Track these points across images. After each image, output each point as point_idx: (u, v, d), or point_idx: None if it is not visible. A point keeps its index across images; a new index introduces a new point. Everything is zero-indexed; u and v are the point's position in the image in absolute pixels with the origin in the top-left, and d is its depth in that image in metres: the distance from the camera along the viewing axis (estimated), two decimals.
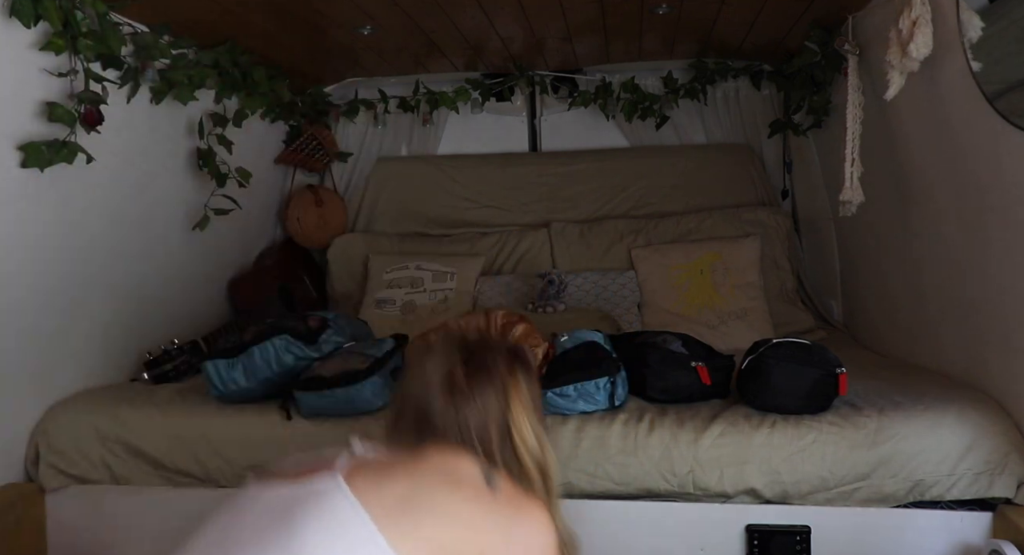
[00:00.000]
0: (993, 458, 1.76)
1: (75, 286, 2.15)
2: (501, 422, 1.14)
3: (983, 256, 1.89)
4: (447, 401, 1.14)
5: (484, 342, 1.24)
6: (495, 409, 1.15)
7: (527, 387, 1.19)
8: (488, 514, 1.03)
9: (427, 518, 0.99)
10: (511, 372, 1.19)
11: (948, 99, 1.88)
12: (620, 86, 3.25)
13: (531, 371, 1.23)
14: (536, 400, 1.22)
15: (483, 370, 1.17)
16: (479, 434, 1.13)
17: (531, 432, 1.16)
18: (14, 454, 2.04)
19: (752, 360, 1.95)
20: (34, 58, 1.82)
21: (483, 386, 1.16)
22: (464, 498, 1.04)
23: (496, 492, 1.05)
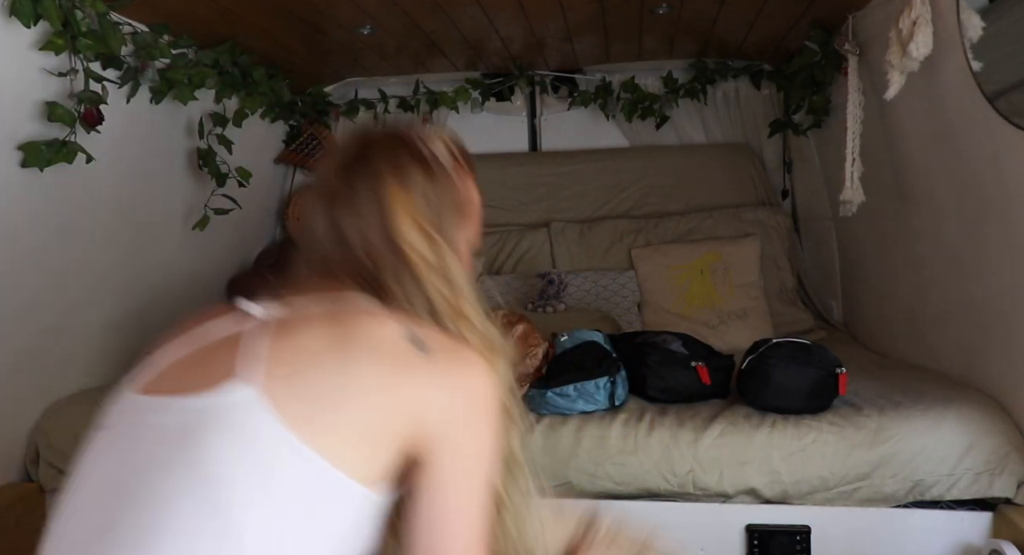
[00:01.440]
0: (993, 458, 1.76)
1: (75, 286, 2.15)
2: (380, 227, 0.91)
3: (983, 256, 1.89)
4: (324, 214, 0.94)
5: (375, 132, 1.00)
6: (371, 211, 0.91)
7: (421, 182, 0.94)
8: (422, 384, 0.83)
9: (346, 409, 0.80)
10: (396, 163, 0.94)
11: (948, 99, 1.88)
12: (620, 86, 3.25)
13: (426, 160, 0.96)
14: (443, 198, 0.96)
15: (362, 164, 0.94)
16: (364, 250, 0.91)
17: (419, 235, 0.91)
18: (14, 454, 2.04)
19: (752, 360, 1.95)
20: (34, 58, 1.82)
21: (355, 184, 0.93)
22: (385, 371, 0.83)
23: (428, 355, 0.85)
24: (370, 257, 0.91)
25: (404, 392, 0.83)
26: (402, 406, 0.82)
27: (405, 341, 0.85)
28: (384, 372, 0.83)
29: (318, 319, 0.86)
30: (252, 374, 0.80)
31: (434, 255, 0.92)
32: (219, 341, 0.87)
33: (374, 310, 0.89)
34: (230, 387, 0.79)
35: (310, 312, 0.88)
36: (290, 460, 0.77)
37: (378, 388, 0.82)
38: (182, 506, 0.74)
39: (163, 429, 0.80)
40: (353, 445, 0.80)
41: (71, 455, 2.20)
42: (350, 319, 0.86)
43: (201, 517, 0.74)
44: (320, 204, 0.95)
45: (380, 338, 0.84)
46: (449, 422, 0.84)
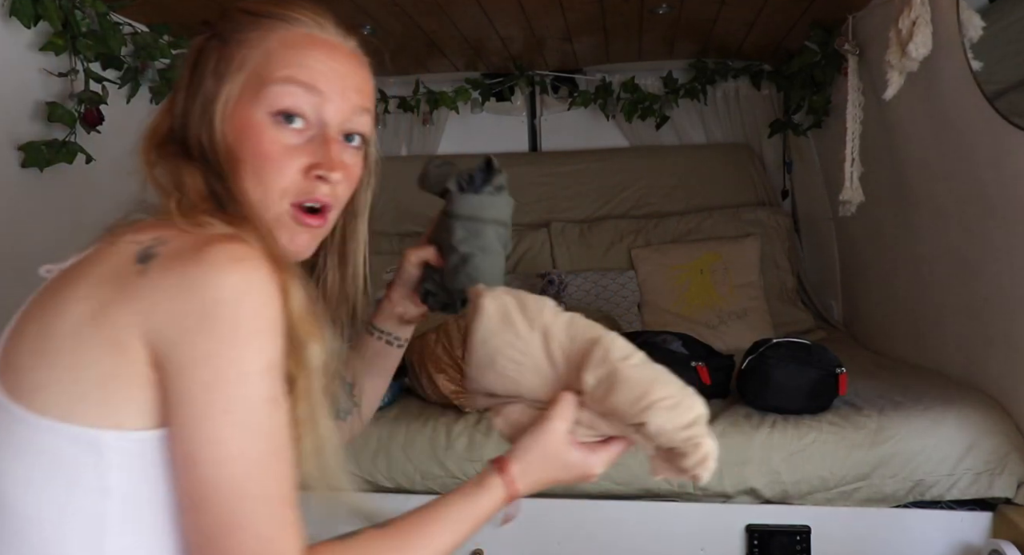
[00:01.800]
0: (993, 458, 1.76)
1: None
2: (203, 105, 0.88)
3: (983, 256, 1.89)
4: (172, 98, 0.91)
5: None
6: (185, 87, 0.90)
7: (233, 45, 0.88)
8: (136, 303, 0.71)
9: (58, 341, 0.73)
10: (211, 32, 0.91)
11: (948, 99, 1.88)
12: (620, 86, 3.25)
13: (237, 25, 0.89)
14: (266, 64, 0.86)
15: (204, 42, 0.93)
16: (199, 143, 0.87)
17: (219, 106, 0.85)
18: None
19: (752, 360, 1.95)
20: (34, 58, 1.82)
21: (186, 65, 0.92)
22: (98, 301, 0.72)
23: (148, 266, 0.72)
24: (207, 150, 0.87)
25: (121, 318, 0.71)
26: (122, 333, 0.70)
27: (131, 261, 0.74)
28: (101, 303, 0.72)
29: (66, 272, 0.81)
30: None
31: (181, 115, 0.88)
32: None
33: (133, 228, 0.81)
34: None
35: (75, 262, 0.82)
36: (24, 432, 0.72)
37: (96, 321, 0.71)
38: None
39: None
40: (84, 391, 0.71)
41: None
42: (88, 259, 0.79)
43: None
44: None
45: (106, 268, 0.75)
46: (171, 339, 0.70)
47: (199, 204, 0.82)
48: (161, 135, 0.92)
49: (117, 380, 0.71)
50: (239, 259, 0.71)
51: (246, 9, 0.89)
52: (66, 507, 0.71)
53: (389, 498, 1.85)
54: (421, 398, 2.07)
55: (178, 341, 0.70)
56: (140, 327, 0.70)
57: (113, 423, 0.71)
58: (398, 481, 1.89)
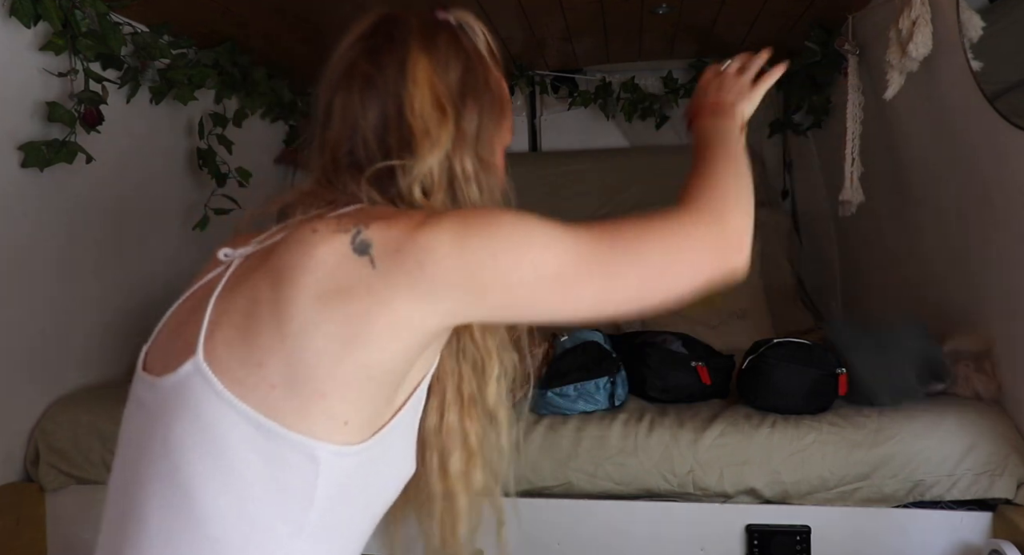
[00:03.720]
0: (993, 459, 1.75)
1: (75, 286, 2.15)
2: (396, 100, 0.82)
3: (983, 256, 1.89)
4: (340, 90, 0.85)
5: (397, 11, 0.90)
6: (392, 83, 0.82)
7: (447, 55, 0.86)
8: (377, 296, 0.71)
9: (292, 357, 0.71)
10: (425, 34, 0.86)
11: (948, 99, 1.88)
12: (620, 86, 3.25)
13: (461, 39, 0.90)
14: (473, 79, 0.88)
15: (387, 37, 0.85)
16: (376, 129, 0.82)
17: (431, 106, 0.82)
18: (14, 454, 2.04)
19: (752, 360, 1.95)
20: (34, 58, 1.82)
21: (382, 59, 0.84)
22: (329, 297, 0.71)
23: (373, 260, 0.71)
24: (381, 143, 0.82)
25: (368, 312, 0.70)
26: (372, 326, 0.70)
27: (350, 253, 0.72)
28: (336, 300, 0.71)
29: (262, 262, 0.77)
30: (200, 340, 0.74)
31: (440, 129, 0.82)
32: (194, 303, 0.82)
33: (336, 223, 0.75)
34: (187, 361, 0.74)
35: (265, 250, 0.79)
36: (241, 428, 0.71)
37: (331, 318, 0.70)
38: (154, 498, 0.73)
39: (147, 411, 0.79)
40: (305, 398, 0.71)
41: (71, 455, 2.21)
42: (292, 249, 0.74)
43: (170, 506, 0.72)
44: (334, 90, 0.86)
45: (322, 262, 0.72)
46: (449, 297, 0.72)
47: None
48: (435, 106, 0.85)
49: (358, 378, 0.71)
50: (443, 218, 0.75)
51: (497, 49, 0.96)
52: (268, 510, 0.72)
53: None
54: None
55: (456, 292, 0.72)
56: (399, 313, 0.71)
57: (333, 437, 0.72)
58: None
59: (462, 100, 0.86)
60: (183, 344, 0.77)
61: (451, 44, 0.88)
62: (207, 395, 0.72)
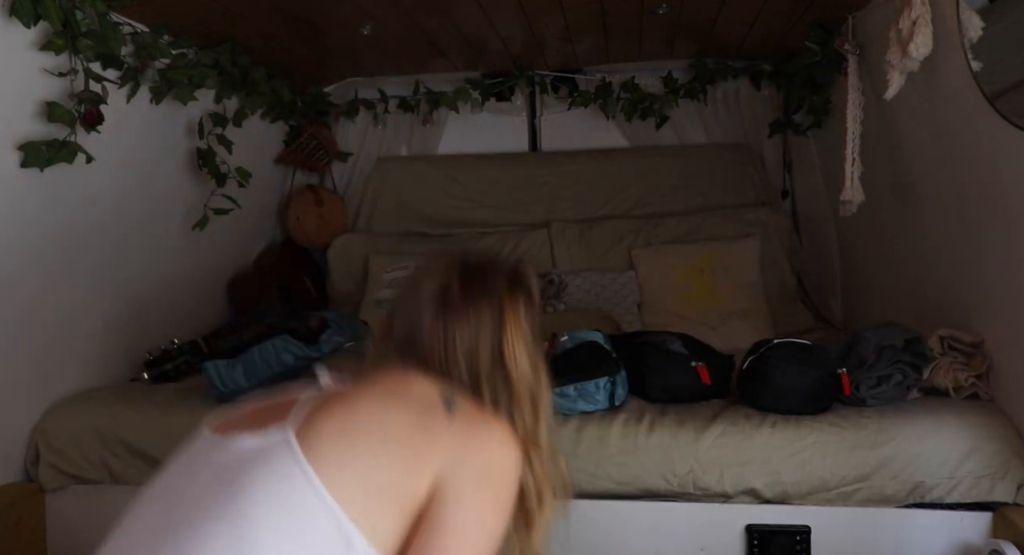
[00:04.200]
0: (994, 462, 1.75)
1: (75, 286, 2.15)
2: (494, 343, 1.05)
3: (983, 256, 1.89)
4: (437, 318, 1.05)
5: (485, 260, 1.14)
6: (488, 328, 1.05)
7: (526, 310, 1.09)
8: (440, 440, 0.93)
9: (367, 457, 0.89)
10: (511, 292, 1.09)
11: (948, 99, 1.88)
12: (620, 86, 3.24)
13: (532, 295, 1.13)
14: (535, 326, 1.11)
15: (480, 287, 1.08)
16: (467, 357, 1.04)
17: (526, 356, 1.06)
18: (14, 454, 2.04)
19: (753, 360, 1.95)
20: (34, 58, 1.82)
21: (478, 303, 1.06)
22: (411, 423, 0.93)
23: (453, 415, 0.95)
24: (472, 366, 1.04)
25: (423, 448, 0.91)
26: (420, 460, 0.90)
27: (438, 400, 0.95)
28: (410, 423, 0.92)
29: (365, 386, 0.98)
30: (295, 419, 0.90)
31: (534, 379, 1.06)
32: (288, 399, 0.97)
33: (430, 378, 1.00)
34: (273, 430, 0.89)
35: (367, 382, 1.00)
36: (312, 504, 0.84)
37: (401, 441, 0.90)
38: (213, 540, 0.82)
39: (216, 466, 0.90)
40: (374, 498, 0.87)
41: (71, 455, 2.21)
42: (394, 380, 1.00)
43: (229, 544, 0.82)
44: (432, 309, 1.06)
45: (415, 395, 0.95)
46: (456, 484, 0.91)
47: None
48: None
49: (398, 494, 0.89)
50: (515, 441, 1.00)
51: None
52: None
53: None
54: None
55: (468, 483, 0.92)
56: (438, 461, 0.91)
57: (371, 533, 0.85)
58: None
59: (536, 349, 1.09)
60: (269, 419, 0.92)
61: (527, 299, 1.10)
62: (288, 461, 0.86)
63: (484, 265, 1.12)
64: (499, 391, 1.04)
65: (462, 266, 1.10)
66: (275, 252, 3.29)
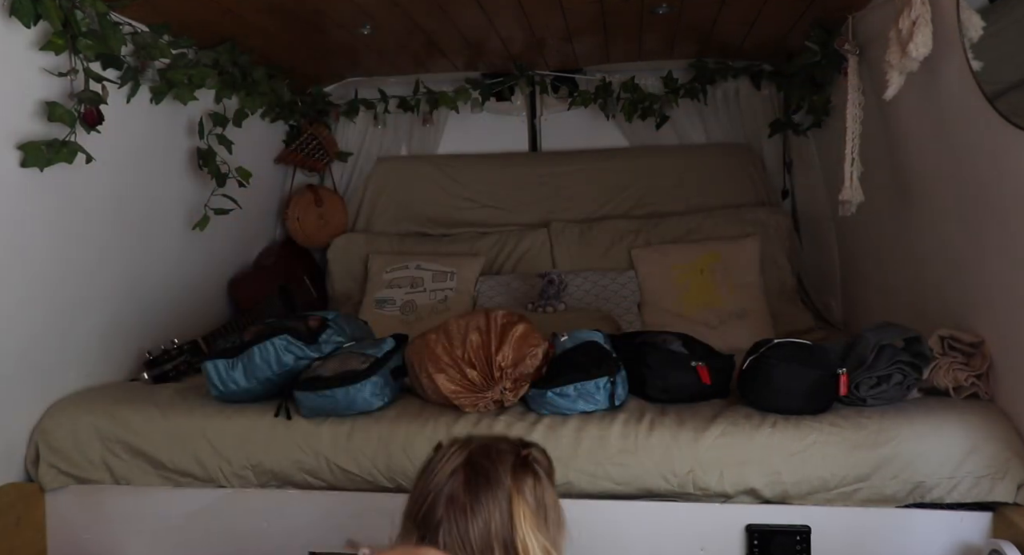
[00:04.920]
0: (995, 462, 1.75)
1: (75, 286, 2.15)
2: (505, 538, 1.09)
3: (983, 256, 1.89)
4: (448, 514, 1.10)
5: (488, 450, 1.17)
6: (498, 524, 1.09)
7: (535, 498, 1.13)
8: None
9: None
10: (517, 484, 1.12)
11: (948, 99, 1.88)
12: (620, 86, 3.25)
13: (540, 479, 1.16)
14: (547, 509, 1.15)
15: (485, 482, 1.12)
16: (481, 550, 1.08)
17: (539, 548, 1.10)
18: (14, 454, 2.04)
19: (753, 360, 1.94)
20: (34, 58, 1.82)
21: (484, 499, 1.10)
22: None
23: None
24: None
25: None
26: None
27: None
28: None
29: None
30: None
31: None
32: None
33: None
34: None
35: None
36: None
37: None
38: None
39: None
40: None
41: (71, 455, 2.21)
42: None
43: None
44: (444, 510, 1.10)
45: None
46: None
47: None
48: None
49: None
50: None
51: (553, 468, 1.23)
52: None
53: (389, 498, 1.85)
54: (421, 398, 2.07)
55: None
56: None
57: None
58: (398, 481, 1.89)
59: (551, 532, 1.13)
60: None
61: (535, 481, 1.13)
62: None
63: (487, 457, 1.15)
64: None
65: (466, 461, 1.14)
66: (275, 252, 3.29)
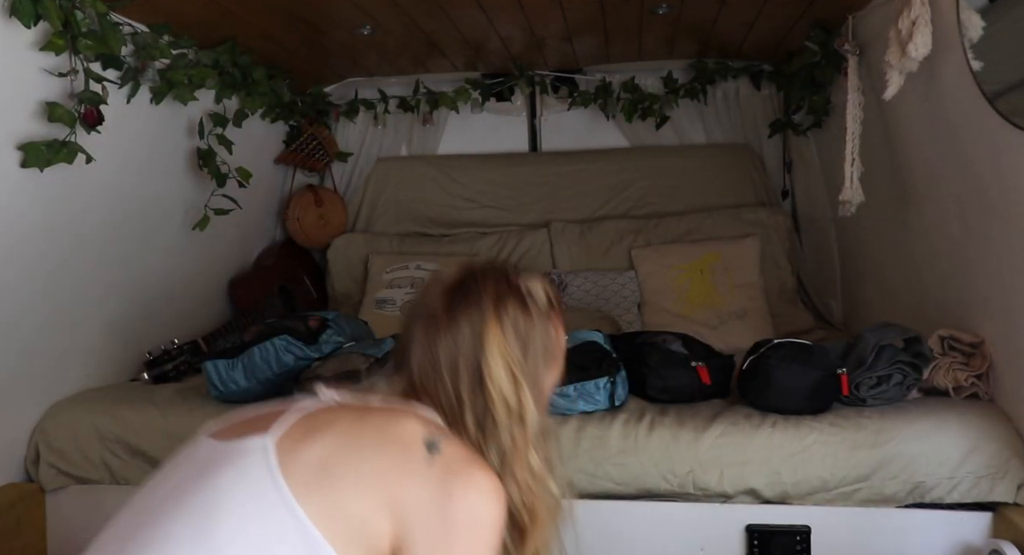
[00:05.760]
0: (994, 463, 1.75)
1: (75, 286, 2.15)
2: (472, 362, 0.98)
3: (983, 256, 1.89)
4: (425, 333, 1.00)
5: (481, 271, 1.05)
6: (467, 344, 0.98)
7: (515, 325, 1.01)
8: (413, 484, 0.88)
9: (340, 484, 0.86)
10: (498, 303, 1.01)
11: (948, 99, 1.88)
12: (620, 86, 3.25)
13: (528, 309, 1.03)
14: (531, 342, 1.02)
15: (464, 298, 1.01)
16: (451, 374, 0.98)
17: (507, 377, 0.98)
18: (14, 454, 2.04)
19: (753, 360, 1.95)
20: (34, 58, 1.82)
21: (460, 318, 0.99)
22: (386, 462, 0.89)
23: (433, 460, 0.89)
24: (455, 387, 0.98)
25: (395, 488, 0.87)
26: (390, 501, 0.86)
27: (420, 443, 0.90)
28: (385, 464, 0.88)
29: (358, 406, 0.96)
30: (276, 431, 0.89)
31: (515, 398, 0.98)
32: (278, 410, 0.96)
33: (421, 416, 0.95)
34: (254, 437, 0.90)
35: (358, 405, 0.97)
36: (279, 512, 0.83)
37: (374, 477, 0.87)
38: (181, 531, 0.83)
39: (195, 461, 0.92)
40: (342, 523, 0.84)
41: (71, 455, 2.21)
42: (383, 413, 0.95)
43: (193, 543, 0.82)
44: (421, 329, 1.02)
45: (397, 434, 0.91)
46: (427, 531, 0.86)
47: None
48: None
49: (363, 532, 0.85)
50: (500, 491, 0.92)
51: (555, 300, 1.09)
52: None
53: None
54: None
55: (434, 536, 0.86)
56: (403, 505, 0.86)
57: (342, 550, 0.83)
58: None
59: (529, 366, 1.01)
60: (255, 427, 0.91)
61: (520, 312, 1.02)
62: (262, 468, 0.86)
63: (475, 273, 1.04)
64: (482, 415, 0.98)
65: (453, 276, 1.04)
66: (275, 252, 3.29)
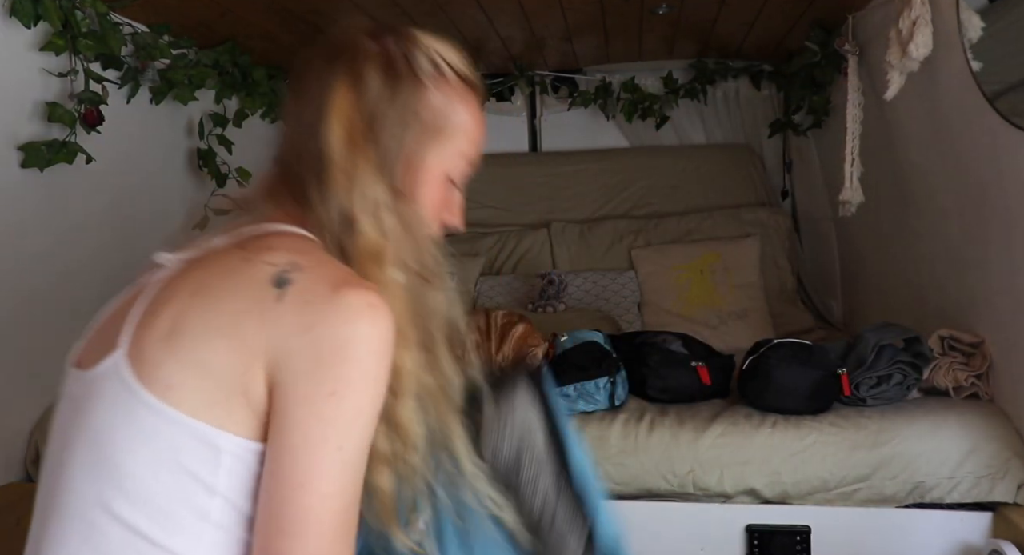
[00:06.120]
0: (994, 463, 1.75)
1: (75, 286, 2.15)
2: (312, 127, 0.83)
3: (983, 256, 1.89)
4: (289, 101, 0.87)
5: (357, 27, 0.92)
6: (312, 109, 0.83)
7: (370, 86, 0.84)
8: (270, 325, 0.75)
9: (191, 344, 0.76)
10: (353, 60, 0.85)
11: (948, 99, 1.88)
12: (620, 86, 3.25)
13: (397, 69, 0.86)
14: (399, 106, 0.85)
15: (322, 58, 0.86)
16: (297, 152, 0.85)
17: (342, 136, 0.82)
18: (14, 454, 2.04)
19: (753, 360, 1.95)
20: (34, 58, 1.82)
21: (310, 78, 0.85)
22: (240, 309, 0.76)
23: (283, 294, 0.75)
24: (299, 159, 0.84)
25: (256, 335, 0.75)
26: (254, 349, 0.75)
27: (268, 282, 0.76)
28: (237, 310, 0.76)
29: (196, 268, 0.81)
30: (124, 338, 0.79)
31: (348, 159, 0.81)
32: (125, 302, 0.84)
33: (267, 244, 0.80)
34: (107, 359, 0.79)
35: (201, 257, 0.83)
36: (153, 420, 0.75)
37: (227, 329, 0.75)
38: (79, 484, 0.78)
39: (73, 402, 0.82)
40: (209, 393, 0.75)
41: None
42: (229, 256, 0.81)
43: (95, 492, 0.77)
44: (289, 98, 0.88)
45: (243, 281, 0.77)
46: (295, 372, 0.74)
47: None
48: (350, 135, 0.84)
49: (238, 391, 0.75)
50: (373, 306, 0.76)
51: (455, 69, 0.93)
52: (177, 494, 0.75)
53: None
54: None
55: (303, 372, 0.74)
56: (266, 350, 0.74)
57: (232, 428, 0.75)
58: None
59: (378, 131, 0.84)
60: (106, 341, 0.81)
61: (380, 73, 0.85)
62: (121, 386, 0.77)
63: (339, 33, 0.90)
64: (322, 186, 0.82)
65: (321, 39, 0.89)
66: None
